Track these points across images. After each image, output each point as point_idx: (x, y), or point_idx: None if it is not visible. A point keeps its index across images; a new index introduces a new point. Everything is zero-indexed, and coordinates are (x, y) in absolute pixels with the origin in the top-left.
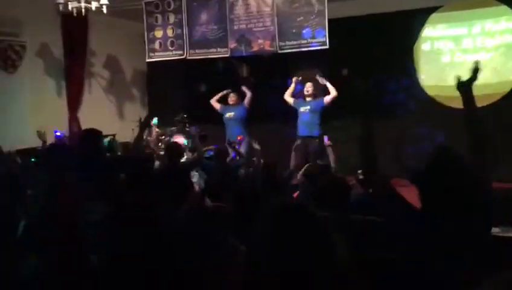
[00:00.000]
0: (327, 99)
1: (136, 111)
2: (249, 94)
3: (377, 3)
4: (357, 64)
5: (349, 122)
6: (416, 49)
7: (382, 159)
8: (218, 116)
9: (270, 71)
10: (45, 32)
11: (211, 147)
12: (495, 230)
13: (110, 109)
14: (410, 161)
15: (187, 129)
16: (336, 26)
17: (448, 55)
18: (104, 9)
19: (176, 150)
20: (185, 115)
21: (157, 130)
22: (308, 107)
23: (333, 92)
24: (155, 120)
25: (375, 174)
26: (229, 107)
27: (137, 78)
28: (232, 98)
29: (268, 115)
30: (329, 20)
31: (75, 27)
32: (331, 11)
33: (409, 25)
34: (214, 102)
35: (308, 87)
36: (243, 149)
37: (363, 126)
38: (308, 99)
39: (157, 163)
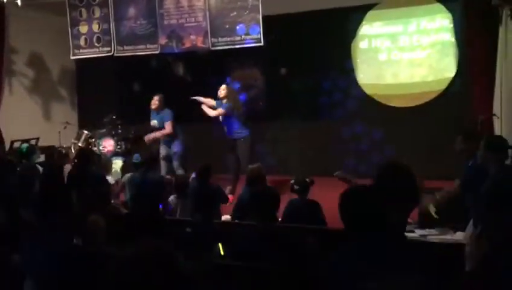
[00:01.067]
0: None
1: (64, 112)
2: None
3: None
4: (295, 63)
5: (288, 122)
6: (354, 47)
7: (322, 159)
8: None
9: (206, 70)
10: None
11: None
12: (431, 231)
13: (35, 111)
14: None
15: (119, 131)
16: (273, 23)
17: (385, 53)
18: (19, 2)
19: (84, 156)
20: (114, 116)
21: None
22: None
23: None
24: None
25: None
26: (152, 113)
27: (65, 77)
28: (153, 102)
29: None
30: (266, 17)
31: None
32: (267, 8)
33: (346, 23)
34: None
35: (221, 90)
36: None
37: (301, 126)
38: (223, 102)
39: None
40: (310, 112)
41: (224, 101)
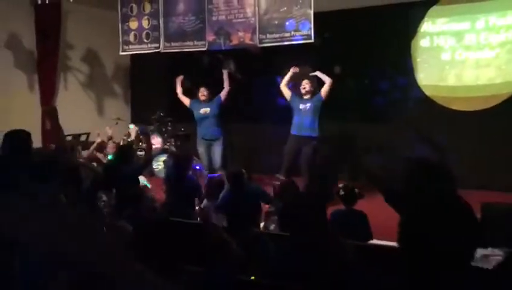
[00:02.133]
0: (324, 89)
1: (117, 108)
2: (226, 88)
3: None
4: (350, 61)
5: (340, 124)
6: (414, 46)
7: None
8: None
9: (257, 68)
10: (15, 22)
11: None
12: (495, 251)
13: (89, 106)
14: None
15: (169, 128)
16: (327, 20)
17: (449, 52)
18: None
19: (121, 154)
20: (162, 114)
21: (136, 129)
22: (308, 104)
23: (327, 79)
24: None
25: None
26: (201, 102)
27: (119, 73)
28: (203, 93)
29: (256, 115)
30: (320, 14)
31: (48, 16)
32: (321, 4)
33: (406, 19)
34: (180, 95)
35: (305, 84)
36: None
37: (355, 128)
38: (306, 97)
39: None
40: (365, 113)
41: (307, 97)
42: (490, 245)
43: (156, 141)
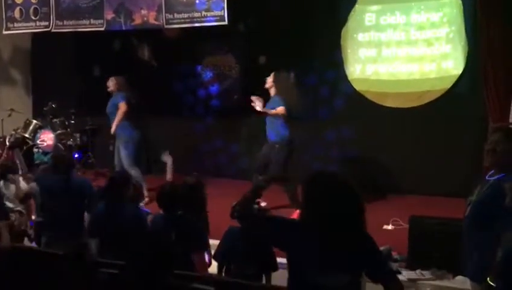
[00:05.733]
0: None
1: (17, 98)
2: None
3: None
4: (276, 51)
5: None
6: (344, 36)
7: (303, 164)
8: None
9: (175, 54)
10: None
11: None
12: (424, 274)
13: None
14: None
15: (72, 122)
16: (251, 4)
17: (382, 43)
18: None
19: None
20: (54, 105)
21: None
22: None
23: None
24: None
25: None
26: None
27: (18, 58)
28: (108, 84)
29: (173, 106)
30: None
31: None
32: None
33: (336, 5)
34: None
35: (268, 80)
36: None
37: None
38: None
39: None
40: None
41: (273, 93)
42: (419, 266)
43: (48, 137)
